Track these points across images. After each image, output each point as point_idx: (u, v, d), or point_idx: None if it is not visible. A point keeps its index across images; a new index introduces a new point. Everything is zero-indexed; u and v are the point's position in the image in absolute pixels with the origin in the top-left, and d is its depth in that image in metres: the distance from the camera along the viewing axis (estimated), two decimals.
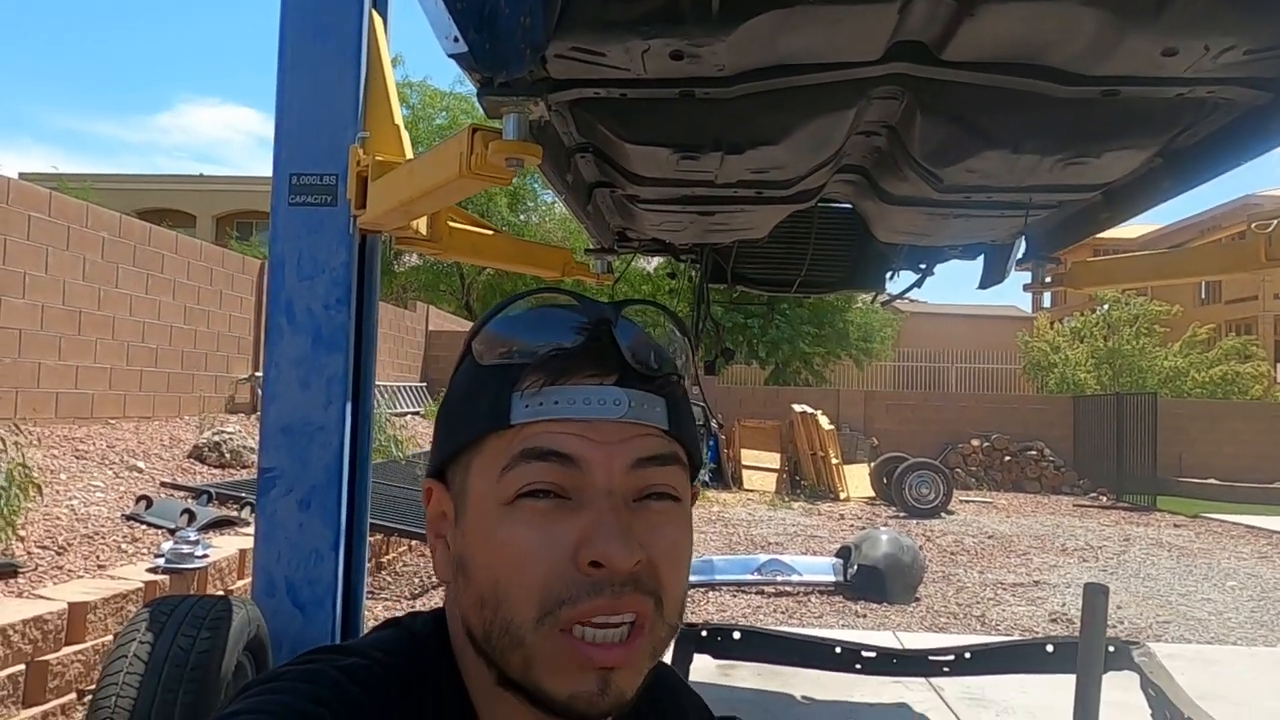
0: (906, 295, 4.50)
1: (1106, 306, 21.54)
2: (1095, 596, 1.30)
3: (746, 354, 17.95)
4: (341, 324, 2.60)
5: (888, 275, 4.14)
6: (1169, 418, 15.44)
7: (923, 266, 4.00)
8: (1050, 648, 2.53)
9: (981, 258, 3.73)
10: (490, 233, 3.31)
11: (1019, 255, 3.45)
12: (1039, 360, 21.85)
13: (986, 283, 3.82)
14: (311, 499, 2.62)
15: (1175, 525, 11.94)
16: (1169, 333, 20.87)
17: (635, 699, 0.58)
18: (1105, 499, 14.86)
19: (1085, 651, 1.32)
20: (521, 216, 19.23)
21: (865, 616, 6.12)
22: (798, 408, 14.36)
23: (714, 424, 13.86)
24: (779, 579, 6.80)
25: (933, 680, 4.27)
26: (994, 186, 2.36)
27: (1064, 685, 3.10)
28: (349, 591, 2.69)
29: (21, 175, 7.21)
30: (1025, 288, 3.41)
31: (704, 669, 4.06)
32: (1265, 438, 16.24)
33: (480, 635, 0.59)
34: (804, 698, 4.35)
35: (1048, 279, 3.27)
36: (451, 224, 2.98)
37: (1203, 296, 28.42)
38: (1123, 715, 2.72)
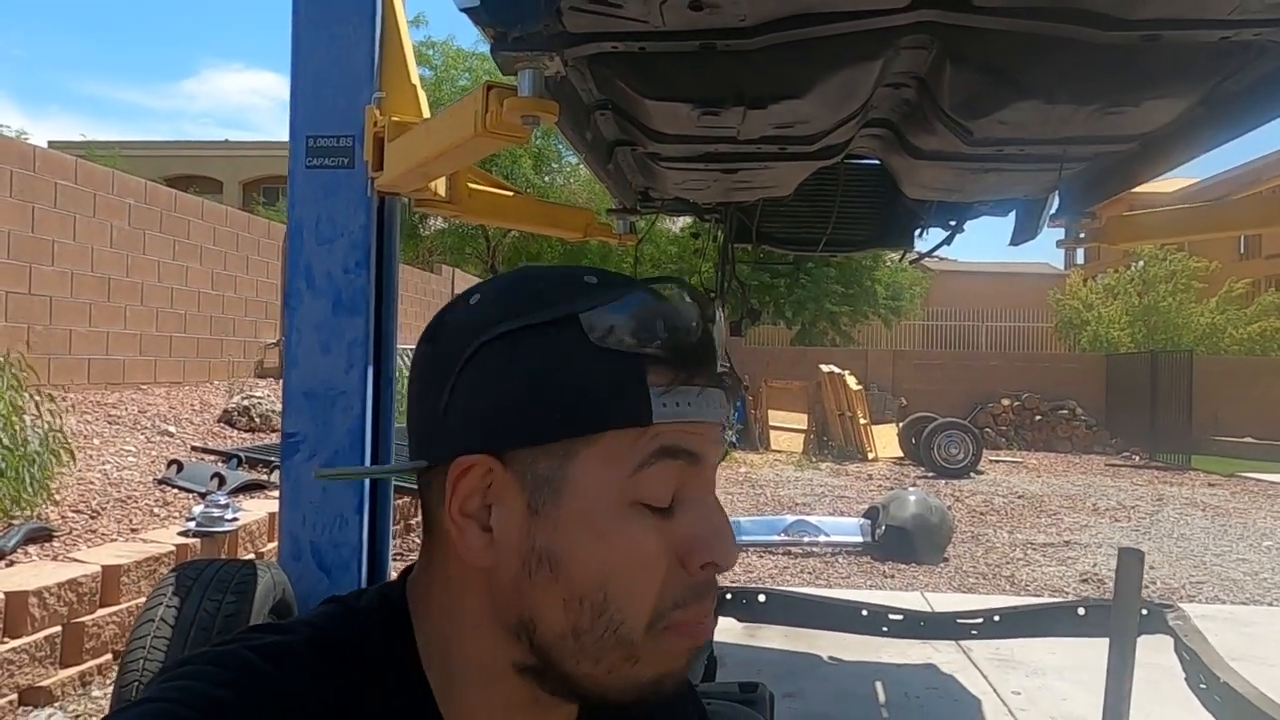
0: (936, 253, 4.41)
1: (1142, 263, 21.15)
2: (1130, 561, 1.26)
3: (773, 314, 17.83)
4: (361, 288, 2.58)
5: (916, 233, 4.05)
6: (1205, 375, 15.19)
7: (953, 223, 3.91)
8: (1082, 610, 2.49)
9: (1013, 214, 3.64)
10: (511, 194, 3.26)
11: (1052, 210, 3.36)
12: (1071, 318, 21.54)
13: (1018, 239, 3.73)
14: (335, 463, 2.63)
15: (1210, 485, 11.79)
16: (1206, 288, 20.46)
17: None
18: (1138, 458, 14.70)
19: (1119, 617, 1.28)
20: (546, 178, 19.11)
21: (893, 577, 6.10)
22: (825, 368, 14.28)
23: (741, 385, 13.84)
24: (806, 540, 6.80)
25: (960, 641, 4.25)
26: (1027, 139, 2.28)
27: (1094, 646, 3.07)
28: (374, 554, 2.70)
29: (51, 144, 7.26)
30: (1059, 244, 3.32)
31: (730, 631, 4.07)
32: None
33: (555, 634, 0.55)
34: (830, 658, 4.35)
35: (1082, 235, 3.18)
36: (471, 185, 2.94)
37: (1241, 251, 27.80)
38: (1154, 678, 2.68)
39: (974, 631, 2.64)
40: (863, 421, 13.70)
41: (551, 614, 0.55)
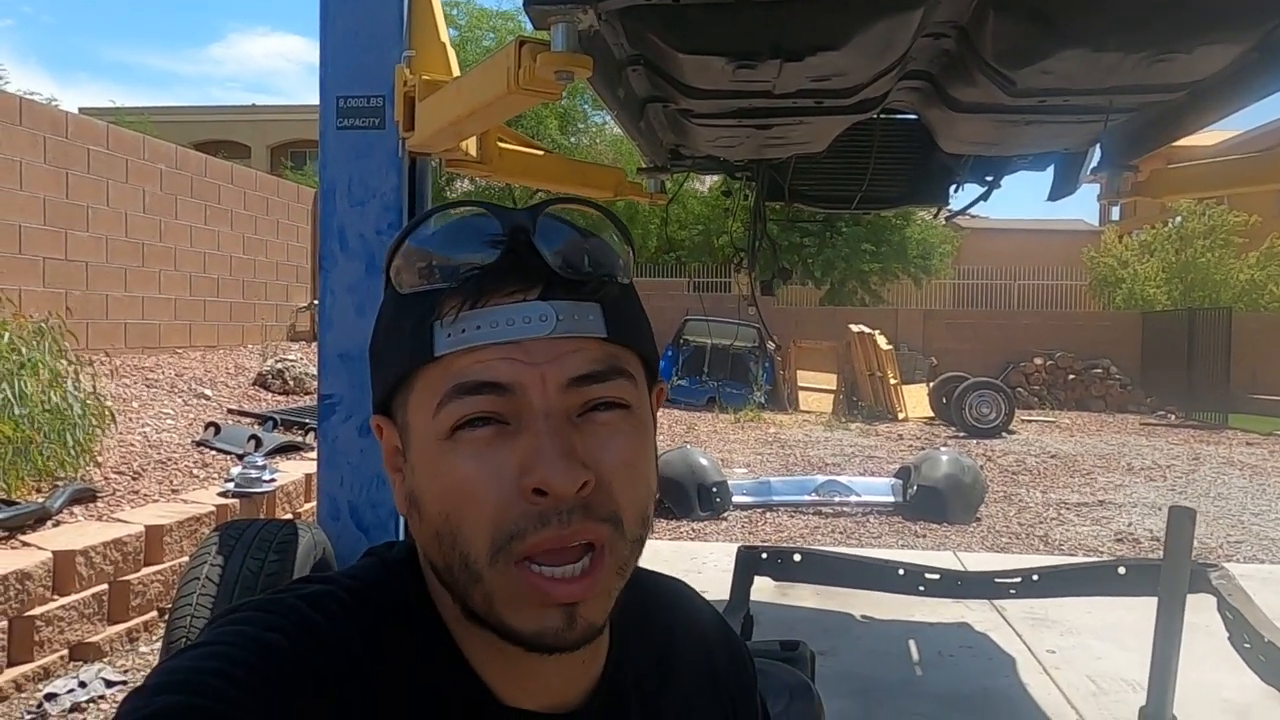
0: (969, 210, 4.33)
1: (1180, 218, 20.67)
2: (1181, 519, 1.24)
3: (802, 274, 17.68)
4: None
5: (951, 189, 3.98)
6: (1244, 333, 14.90)
7: (989, 179, 3.83)
8: (1122, 570, 2.47)
9: (1051, 168, 3.56)
10: (541, 153, 3.24)
11: (1093, 164, 3.28)
12: (1106, 276, 21.15)
13: (1057, 194, 3.65)
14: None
15: (1248, 443, 11.62)
16: (1246, 244, 19.99)
17: (605, 625, 0.58)
18: (1174, 417, 14.51)
19: (1169, 575, 1.26)
20: (572, 139, 18.99)
21: (925, 537, 6.09)
22: (855, 328, 14.16)
23: (770, 345, 13.77)
24: (837, 500, 6.79)
25: (994, 600, 4.24)
26: (1071, 89, 2.22)
27: (1129, 606, 3.04)
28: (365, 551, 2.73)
29: (81, 110, 7.28)
30: (1100, 198, 3.25)
31: (763, 590, 4.08)
32: None
33: (443, 569, 0.57)
34: (863, 617, 4.36)
35: (1124, 189, 3.10)
36: (501, 145, 2.92)
37: None
38: (1190, 638, 2.66)
39: (1011, 591, 2.63)
40: (893, 381, 13.61)
41: (433, 552, 0.57)
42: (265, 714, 0.50)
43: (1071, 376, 15.96)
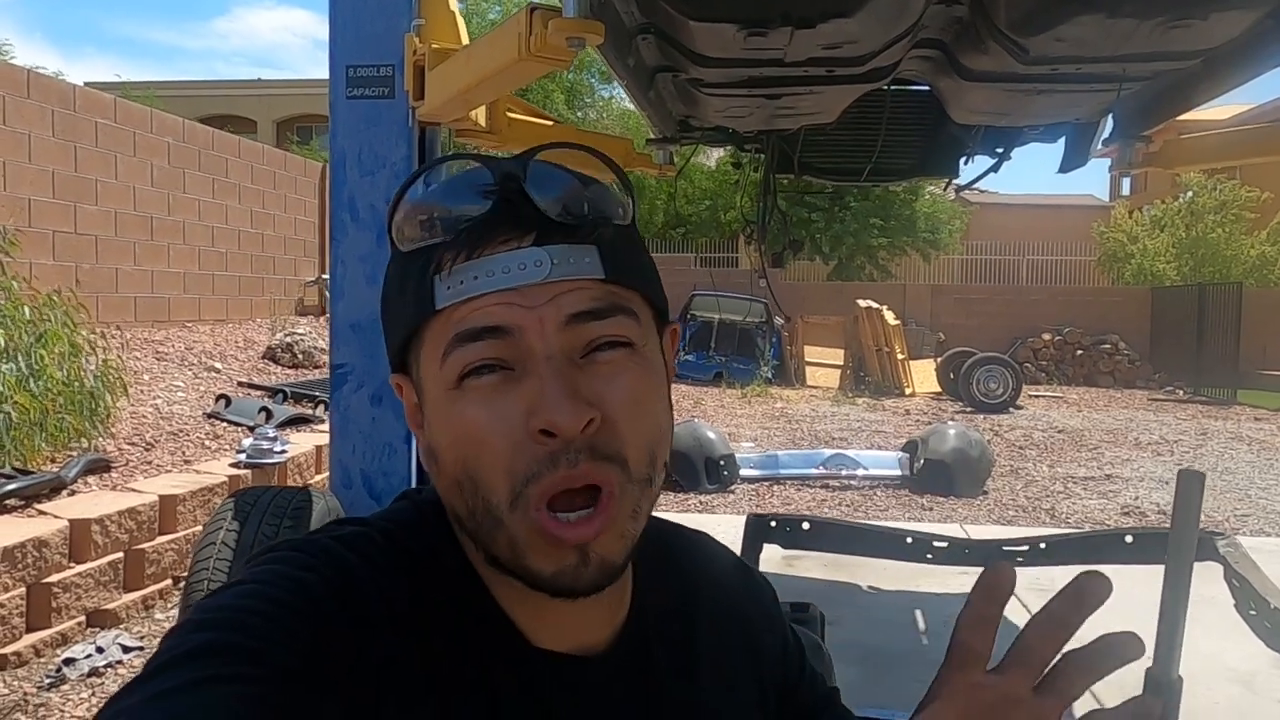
0: (978, 185, 4.31)
1: (1190, 193, 20.51)
2: (1190, 483, 1.25)
3: (810, 249, 17.63)
4: None
5: (962, 161, 3.96)
6: (1254, 309, 14.84)
7: (999, 150, 3.81)
8: (1130, 538, 2.48)
9: (1062, 140, 3.54)
10: (550, 123, 3.23)
11: (1104, 135, 3.26)
12: (1115, 251, 21.02)
13: (1068, 166, 3.63)
14: (383, 394, 2.66)
15: (1256, 419, 11.60)
16: (1257, 219, 19.84)
17: (625, 565, 0.58)
18: (1182, 393, 14.48)
19: (1177, 539, 1.27)
20: (579, 113, 18.90)
21: (932, 510, 6.12)
22: (862, 303, 14.14)
23: (778, 320, 13.75)
24: (844, 473, 6.82)
25: None
26: (1085, 57, 2.20)
27: (1133, 577, 3.07)
28: (422, 483, 2.75)
29: (87, 84, 7.27)
30: (1112, 169, 3.23)
31: (770, 559, 4.11)
32: None
33: (465, 517, 0.58)
34: (869, 587, 4.39)
35: (1136, 160, 3.09)
36: (510, 115, 2.91)
37: None
38: (1197, 609, 2.67)
39: (1019, 559, 2.65)
40: (900, 357, 13.60)
41: (455, 501, 0.58)
42: (300, 650, 0.51)
43: (1080, 352, 15.93)
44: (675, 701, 0.66)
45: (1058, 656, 0.53)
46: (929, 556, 2.61)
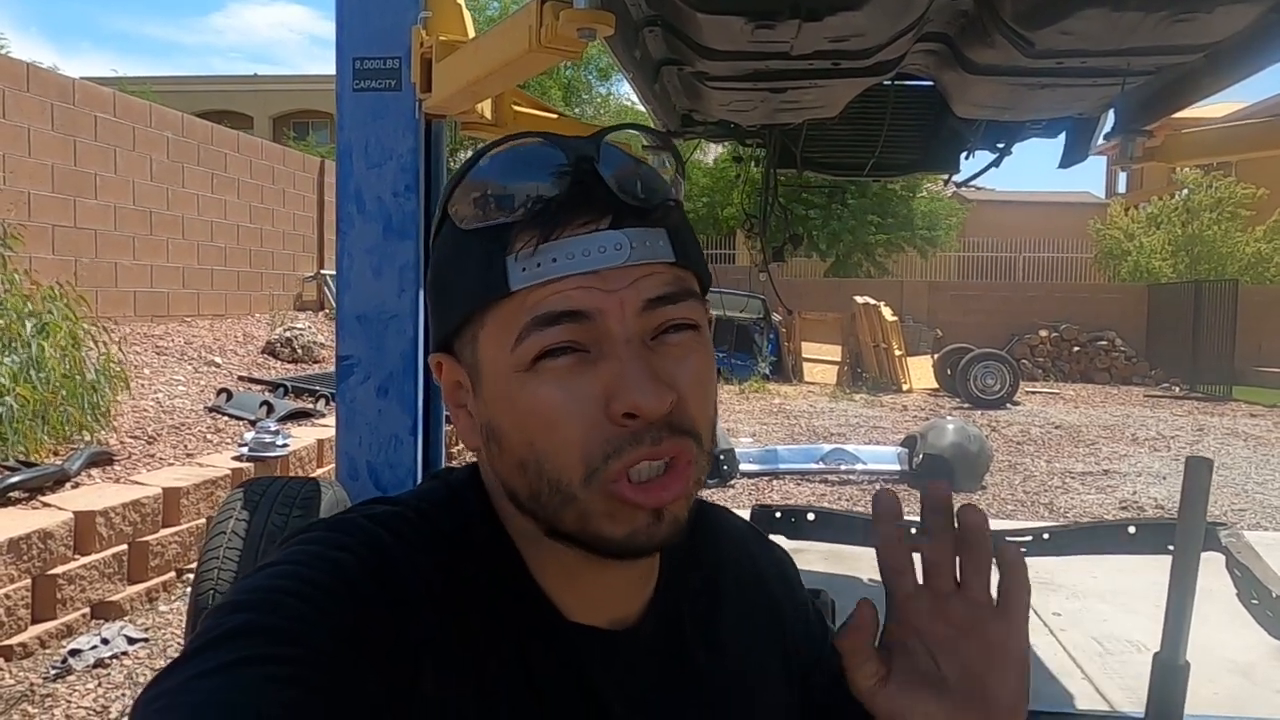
0: (976, 181, 4.32)
1: (1186, 191, 20.55)
2: (1198, 471, 1.26)
3: (807, 247, 17.64)
4: (411, 211, 2.59)
5: (963, 156, 3.97)
6: (1250, 306, 14.89)
7: (1000, 146, 3.82)
8: (1132, 529, 2.50)
9: (1063, 135, 3.55)
10: (555, 116, 3.24)
11: (1105, 130, 3.27)
12: (1112, 248, 21.08)
13: (1068, 161, 3.64)
14: (389, 386, 2.68)
15: (1252, 415, 11.65)
16: (1253, 216, 19.89)
17: (688, 525, 0.59)
18: (1178, 389, 14.52)
19: (1185, 527, 1.29)
20: (577, 110, 18.88)
21: None
22: (860, 299, 14.16)
23: (775, 316, 13.76)
24: (843, 468, 6.84)
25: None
26: (1090, 50, 2.21)
27: (1134, 570, 3.09)
28: (428, 474, 2.76)
29: (83, 79, 7.26)
30: (1113, 163, 3.25)
31: None
32: None
33: (526, 496, 0.58)
34: (870, 580, 4.40)
35: (1137, 153, 3.10)
36: (516, 108, 2.92)
37: None
38: (1197, 600, 2.69)
39: (1023, 549, 2.65)
40: (898, 353, 13.62)
41: (515, 480, 0.59)
42: (336, 630, 0.52)
43: (1076, 349, 15.97)
44: (704, 672, 0.67)
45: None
46: None
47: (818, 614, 0.81)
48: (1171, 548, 2.50)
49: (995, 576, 0.61)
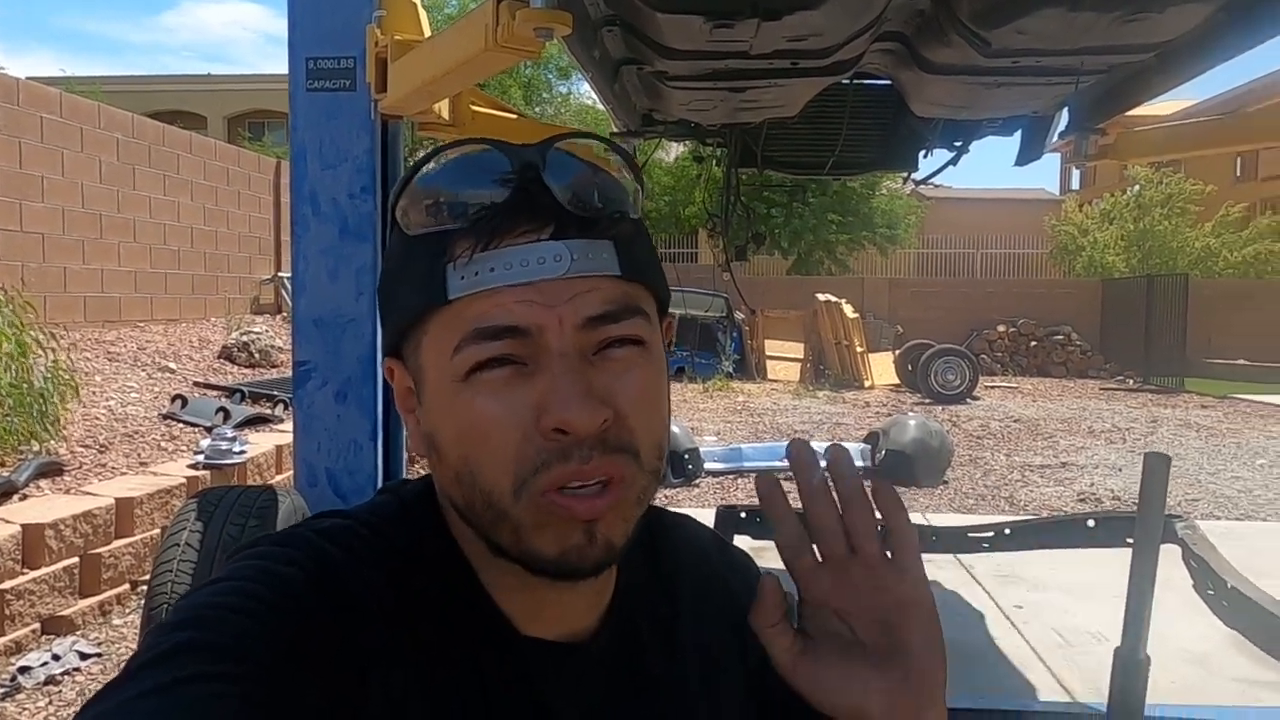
0: (935, 179, 4.36)
1: (1138, 187, 20.99)
2: (1156, 466, 1.27)
3: (769, 245, 17.74)
4: (368, 213, 2.55)
5: (921, 154, 4.01)
6: (1199, 299, 15.23)
7: (958, 144, 3.86)
8: (1092, 523, 2.53)
9: (1019, 133, 3.59)
10: (514, 116, 3.21)
11: (1060, 128, 3.32)
12: (1067, 244, 21.49)
13: (1024, 159, 3.69)
14: (348, 391, 2.63)
15: (1203, 406, 11.91)
16: (1202, 212, 20.37)
17: (625, 548, 0.58)
18: (1132, 382, 14.81)
19: (1144, 521, 1.30)
20: (537, 109, 18.80)
21: None
22: (821, 297, 14.26)
23: (738, 315, 13.82)
24: None
25: (962, 559, 4.33)
26: (1044, 50, 2.24)
27: (1094, 563, 3.14)
28: (389, 480, 2.72)
29: (29, 79, 7.06)
30: (1067, 161, 3.29)
31: None
32: None
33: (465, 508, 0.58)
34: (765, 572, 4.43)
35: (1091, 151, 3.15)
36: (474, 108, 2.89)
37: (1238, 174, 27.57)
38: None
39: (984, 544, 2.69)
40: (859, 349, 13.74)
41: (454, 492, 0.58)
42: (282, 646, 0.51)
43: (1034, 343, 16.23)
44: (662, 682, 0.66)
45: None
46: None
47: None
48: (1131, 541, 2.55)
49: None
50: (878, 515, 0.60)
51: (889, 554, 0.59)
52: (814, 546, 0.60)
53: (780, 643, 0.60)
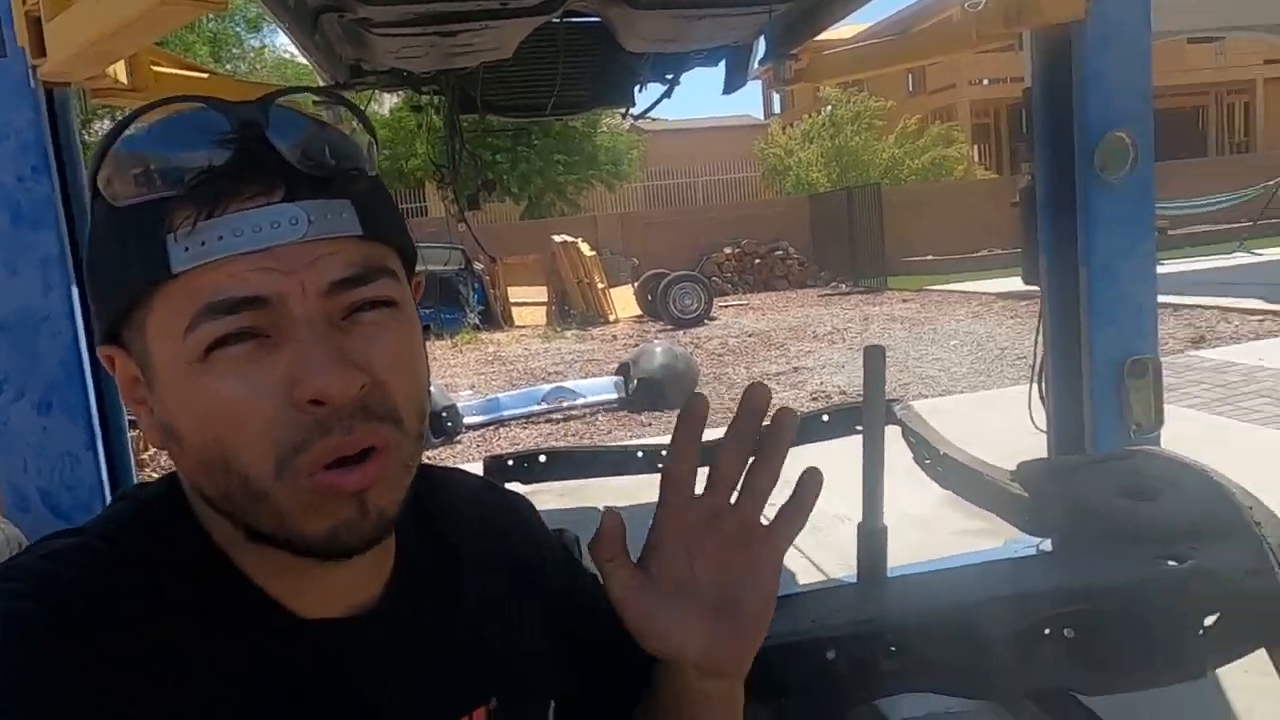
0: (653, 113, 4.50)
1: (830, 107, 22.80)
2: (874, 358, 1.42)
3: (500, 191, 17.59)
4: (45, 196, 2.24)
5: (636, 89, 4.12)
6: (892, 205, 16.89)
7: (669, 77, 4.00)
8: (826, 417, 2.79)
9: (723, 63, 3.77)
10: (206, 75, 2.94)
11: (760, 56, 3.52)
12: (775, 165, 23.02)
13: (731, 87, 3.88)
14: (51, 399, 2.34)
15: (904, 301, 13.34)
16: (885, 126, 22.50)
17: (398, 517, 0.56)
18: (844, 286, 16.26)
19: (870, 406, 1.45)
20: (228, 65, 17.26)
21: (650, 425, 6.47)
22: (558, 238, 14.40)
23: (477, 265, 13.66)
24: (565, 405, 7.00)
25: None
26: None
27: (827, 454, 3.48)
28: (117, 488, 2.47)
29: None
30: (769, 87, 3.51)
31: None
32: (970, 213, 18.20)
33: (217, 496, 0.54)
34: (605, 508, 4.58)
35: (788, 76, 3.38)
36: (156, 69, 2.61)
37: (910, 89, 30.65)
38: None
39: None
40: (600, 286, 14.07)
41: (202, 480, 0.55)
42: (31, 690, 0.47)
43: (757, 261, 17.37)
44: (452, 637, 0.65)
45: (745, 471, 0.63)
46: (659, 466, 2.78)
47: (565, 551, 0.81)
48: (860, 428, 2.84)
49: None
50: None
51: (773, 518, 0.61)
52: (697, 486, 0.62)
53: (618, 575, 0.61)
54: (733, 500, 0.62)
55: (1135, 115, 2.07)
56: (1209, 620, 1.27)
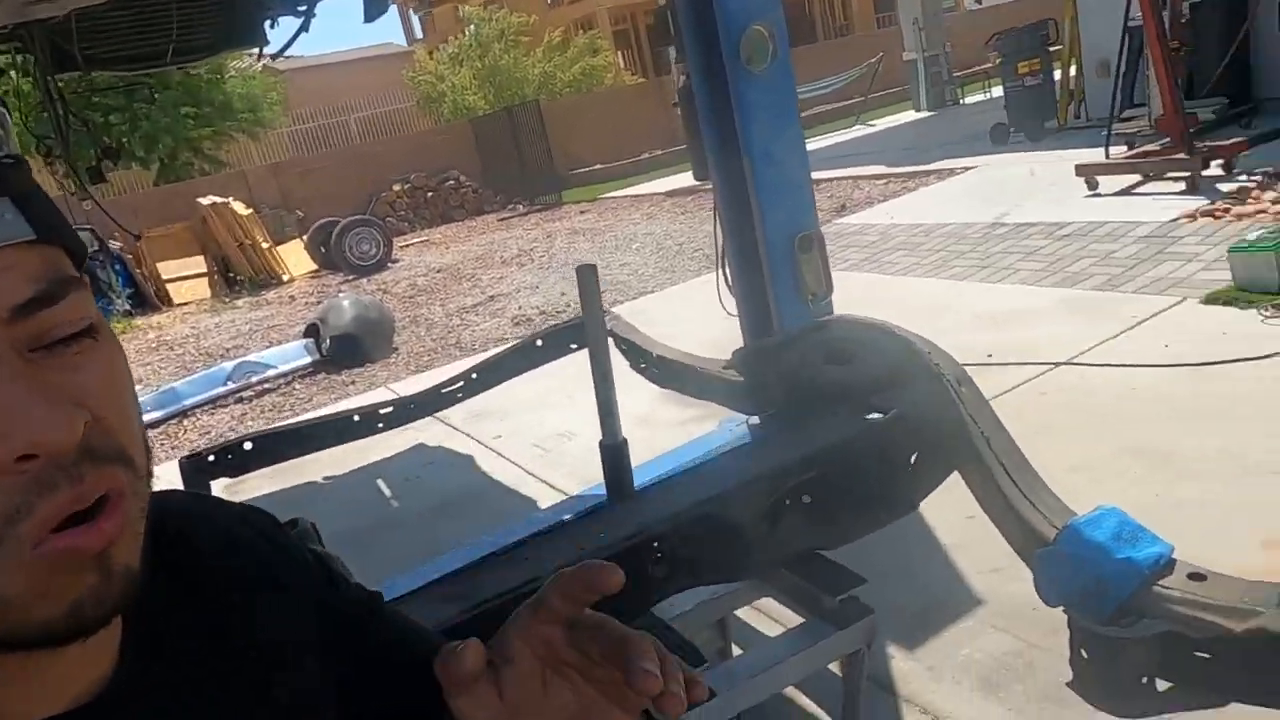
0: (291, 50, 4.15)
1: (474, 26, 22.34)
2: (587, 276, 1.42)
3: (124, 157, 15.52)
4: None
5: (267, 25, 3.75)
6: (552, 121, 17.05)
7: (302, 9, 3.68)
8: (540, 342, 2.80)
9: None
10: None
11: None
12: (429, 92, 22.28)
13: (371, 16, 3.65)
14: None
15: (581, 212, 13.64)
16: (531, 41, 22.48)
17: (139, 567, 0.47)
18: (522, 207, 16.31)
19: (590, 325, 1.46)
20: None
21: (355, 383, 6.17)
22: (205, 200, 13.08)
23: (114, 244, 12.09)
24: (255, 380, 6.48)
25: (439, 415, 4.53)
26: None
27: (543, 379, 3.51)
28: None
29: None
30: (409, 8, 3.33)
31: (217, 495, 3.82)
32: (626, 119, 18.84)
33: None
34: (325, 479, 4.35)
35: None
36: None
37: (549, 2, 30.78)
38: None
39: (459, 395, 2.82)
40: (265, 245, 13.02)
41: None
42: None
43: (430, 194, 16.89)
44: (209, 679, 0.56)
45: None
46: (380, 426, 2.65)
47: (316, 560, 0.73)
48: (574, 347, 2.87)
49: None
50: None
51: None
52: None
53: (476, 699, 0.52)
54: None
55: (768, 7, 2.20)
56: (912, 459, 1.44)
